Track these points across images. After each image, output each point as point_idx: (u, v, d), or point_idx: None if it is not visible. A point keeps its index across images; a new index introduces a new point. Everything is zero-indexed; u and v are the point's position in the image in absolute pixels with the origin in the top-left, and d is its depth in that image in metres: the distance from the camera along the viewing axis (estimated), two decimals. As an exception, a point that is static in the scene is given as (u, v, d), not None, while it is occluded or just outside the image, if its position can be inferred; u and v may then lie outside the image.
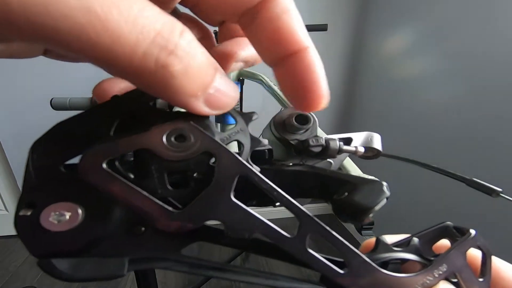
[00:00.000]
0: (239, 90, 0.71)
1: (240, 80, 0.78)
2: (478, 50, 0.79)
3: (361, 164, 0.34)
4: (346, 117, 1.46)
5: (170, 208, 0.10)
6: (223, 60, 0.13)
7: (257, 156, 0.13)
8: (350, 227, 1.48)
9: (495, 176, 0.75)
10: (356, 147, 0.17)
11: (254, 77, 0.66)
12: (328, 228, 0.12)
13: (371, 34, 1.25)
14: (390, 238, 0.14)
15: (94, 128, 0.11)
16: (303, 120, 0.16)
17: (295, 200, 0.12)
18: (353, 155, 0.17)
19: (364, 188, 0.13)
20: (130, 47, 0.08)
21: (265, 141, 0.14)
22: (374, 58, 1.24)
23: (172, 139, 0.11)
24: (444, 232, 0.15)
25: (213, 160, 0.11)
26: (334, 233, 0.12)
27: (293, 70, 0.12)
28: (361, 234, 0.25)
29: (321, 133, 0.17)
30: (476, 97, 0.80)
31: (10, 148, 1.19)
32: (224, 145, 0.11)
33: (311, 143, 0.15)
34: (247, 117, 0.14)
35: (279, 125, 0.16)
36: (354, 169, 0.33)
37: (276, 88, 0.60)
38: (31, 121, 1.16)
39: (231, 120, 0.69)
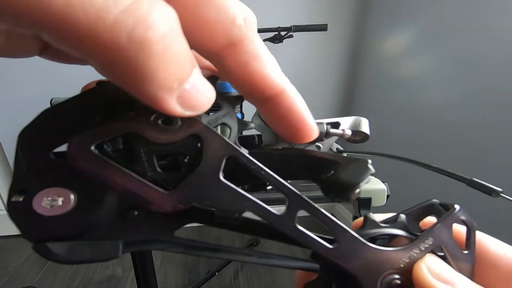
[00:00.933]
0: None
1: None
2: (478, 50, 0.79)
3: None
4: (345, 116, 1.46)
5: (159, 189, 0.11)
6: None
7: (246, 142, 0.14)
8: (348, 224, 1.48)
9: (495, 176, 0.75)
10: (343, 130, 0.17)
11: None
12: (316, 205, 0.12)
13: (371, 34, 1.25)
14: (378, 216, 0.15)
15: (82, 115, 0.11)
16: None
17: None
18: (341, 138, 0.17)
19: (349, 166, 0.13)
20: (94, 10, 0.06)
21: (252, 124, 0.14)
22: (374, 58, 1.25)
23: (159, 122, 0.11)
24: (430, 209, 0.16)
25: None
26: (322, 210, 0.12)
27: (274, 112, 0.12)
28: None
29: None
30: (476, 97, 0.80)
31: (10, 148, 1.19)
32: (211, 128, 0.11)
33: None
34: (234, 100, 0.14)
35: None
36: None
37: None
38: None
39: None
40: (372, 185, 0.28)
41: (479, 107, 0.79)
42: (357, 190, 0.12)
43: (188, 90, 0.09)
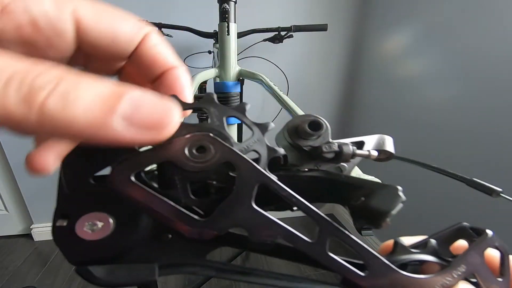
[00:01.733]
0: (239, 91, 0.72)
1: (240, 80, 0.78)
2: (478, 50, 0.79)
3: (361, 164, 0.34)
4: (346, 116, 1.46)
5: (195, 217, 0.11)
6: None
7: (273, 162, 0.14)
8: (350, 228, 1.48)
9: (496, 176, 0.75)
10: (369, 151, 0.17)
11: (254, 77, 0.66)
12: (346, 231, 0.12)
13: (371, 34, 1.25)
14: (407, 240, 0.15)
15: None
16: (316, 126, 0.16)
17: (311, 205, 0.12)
18: (366, 159, 0.17)
19: (379, 193, 0.13)
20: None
21: (281, 150, 0.14)
22: (374, 58, 1.25)
23: (194, 150, 0.11)
24: (460, 233, 0.15)
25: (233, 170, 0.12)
26: (353, 236, 0.12)
27: (166, 82, 0.14)
28: (361, 234, 0.25)
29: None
30: (476, 97, 0.80)
31: (10, 148, 1.19)
32: (244, 156, 0.12)
33: (324, 149, 0.16)
34: (263, 128, 0.14)
35: (292, 131, 0.16)
36: (353, 169, 0.33)
37: (276, 88, 0.60)
38: (31, 121, 1.16)
39: (231, 120, 0.69)
40: (372, 185, 0.28)
41: (479, 107, 0.79)
42: (389, 219, 0.12)
43: (132, 113, 0.09)
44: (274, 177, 0.12)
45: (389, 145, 0.18)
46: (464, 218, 0.67)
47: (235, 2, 0.66)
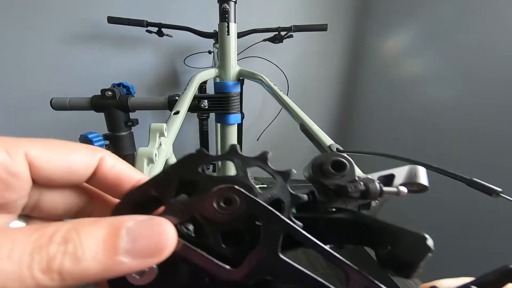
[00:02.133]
0: (239, 91, 0.72)
1: (240, 80, 0.78)
2: (478, 49, 0.79)
3: (360, 164, 0.34)
4: (346, 116, 1.46)
5: (226, 266, 0.12)
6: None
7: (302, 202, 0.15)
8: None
9: (496, 176, 0.75)
10: (397, 187, 0.16)
11: (254, 77, 0.66)
12: (377, 282, 0.12)
13: (371, 34, 1.25)
14: (447, 282, 0.14)
15: (158, 192, 0.14)
16: (339, 167, 0.16)
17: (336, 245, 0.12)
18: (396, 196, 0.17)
19: (406, 241, 0.13)
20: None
21: (305, 197, 0.14)
22: (374, 58, 1.24)
23: (221, 203, 0.12)
24: (507, 276, 0.14)
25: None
26: (383, 287, 0.12)
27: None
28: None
29: (360, 172, 0.17)
30: (476, 97, 0.80)
31: (10, 148, 1.19)
32: (267, 206, 0.12)
33: (349, 189, 0.15)
34: (285, 175, 0.14)
35: (317, 170, 0.16)
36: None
37: (276, 88, 0.60)
38: (31, 121, 1.16)
39: (231, 120, 0.69)
40: (372, 185, 0.27)
41: (480, 107, 0.79)
42: (418, 270, 0.12)
43: (131, 248, 0.10)
44: (299, 224, 0.13)
45: (423, 177, 0.17)
46: (464, 218, 0.67)
47: (235, 2, 0.66)
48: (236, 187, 0.12)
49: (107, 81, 1.04)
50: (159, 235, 0.11)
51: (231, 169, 0.72)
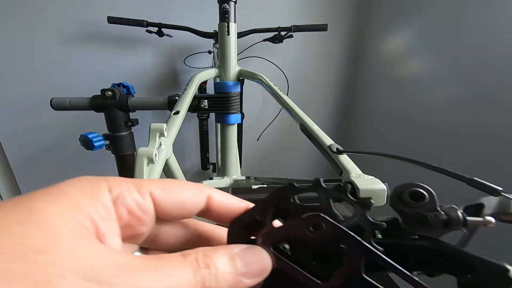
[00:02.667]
0: (239, 91, 0.72)
1: (240, 80, 0.78)
2: (478, 49, 0.79)
3: (360, 164, 0.34)
4: (346, 117, 1.46)
5: (317, 281, 0.14)
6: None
7: (386, 228, 0.16)
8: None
9: (495, 176, 0.75)
10: (484, 217, 0.16)
11: (254, 77, 0.66)
12: None
13: (371, 34, 1.25)
14: None
15: (261, 217, 0.16)
16: (418, 196, 0.17)
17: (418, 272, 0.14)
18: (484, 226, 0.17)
19: (487, 272, 0.13)
20: None
21: (384, 225, 0.16)
22: (374, 58, 1.25)
23: (310, 227, 0.15)
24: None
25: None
26: None
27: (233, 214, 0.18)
28: None
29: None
30: (476, 96, 0.80)
31: (10, 148, 1.19)
32: (349, 231, 0.14)
33: (429, 219, 0.16)
34: (365, 205, 0.16)
35: (397, 199, 0.17)
36: (353, 169, 0.33)
37: (276, 88, 0.60)
38: (31, 121, 1.16)
39: (231, 120, 0.69)
40: (372, 185, 0.27)
41: (480, 107, 0.79)
42: None
43: (246, 271, 0.13)
44: (380, 249, 0.14)
45: None
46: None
47: (235, 2, 0.66)
48: (322, 214, 0.15)
49: (107, 81, 1.04)
50: (263, 260, 0.14)
51: (231, 169, 0.72)
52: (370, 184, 0.27)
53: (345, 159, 0.36)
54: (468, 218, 0.16)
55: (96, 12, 1.06)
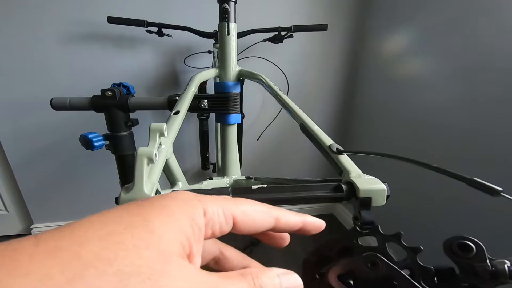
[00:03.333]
0: (239, 91, 0.72)
1: (240, 80, 0.78)
2: (478, 50, 0.79)
3: (360, 164, 0.34)
4: (346, 116, 1.46)
5: None
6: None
7: (442, 273, 0.19)
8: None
9: (495, 176, 0.75)
10: None
11: (254, 77, 0.66)
12: None
13: (371, 34, 1.25)
14: None
15: (330, 253, 0.20)
16: (464, 248, 0.18)
17: None
18: None
19: None
20: None
21: (431, 269, 0.18)
22: (374, 58, 1.25)
23: (369, 264, 0.18)
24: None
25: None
26: None
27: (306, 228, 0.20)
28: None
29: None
30: (476, 96, 0.80)
31: (10, 148, 1.19)
32: (402, 272, 0.17)
33: (477, 269, 0.17)
34: (416, 250, 0.19)
35: (448, 249, 0.19)
36: (353, 169, 0.33)
37: (276, 88, 0.60)
38: (31, 121, 1.16)
39: (231, 120, 0.69)
40: (372, 185, 0.27)
41: (479, 107, 0.79)
42: None
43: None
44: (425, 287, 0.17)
45: None
46: (464, 217, 0.67)
47: (235, 2, 0.66)
48: (378, 254, 0.18)
49: (107, 81, 1.04)
50: (297, 282, 0.16)
51: (231, 169, 0.72)
52: (370, 184, 0.27)
53: (345, 159, 0.35)
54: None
55: (96, 12, 1.06)
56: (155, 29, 0.99)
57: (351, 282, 0.19)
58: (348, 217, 1.50)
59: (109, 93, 0.68)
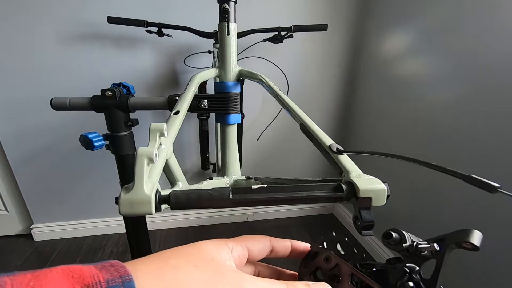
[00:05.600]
0: (239, 91, 0.72)
1: (240, 80, 0.78)
2: (478, 50, 0.79)
3: (360, 164, 0.34)
4: (346, 116, 1.46)
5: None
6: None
7: (393, 262, 0.23)
8: (349, 226, 1.48)
9: (495, 176, 0.75)
10: (432, 244, 0.21)
11: (254, 77, 0.66)
12: None
13: (371, 34, 1.25)
14: None
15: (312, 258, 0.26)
16: (390, 237, 0.23)
17: None
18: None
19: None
20: None
21: (357, 254, 0.24)
22: (374, 58, 1.25)
23: (325, 260, 0.24)
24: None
25: None
26: None
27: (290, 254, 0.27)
28: (361, 234, 0.26)
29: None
30: (476, 97, 0.80)
31: (10, 148, 1.19)
32: (343, 260, 0.23)
33: (401, 251, 0.22)
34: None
35: (382, 240, 0.23)
36: (353, 169, 0.33)
37: (276, 88, 0.60)
38: (31, 121, 1.16)
39: (231, 120, 0.69)
40: (372, 185, 0.27)
41: (479, 107, 0.79)
42: None
43: None
44: (360, 270, 0.22)
45: (472, 238, 0.19)
46: (464, 217, 0.67)
47: (235, 2, 0.66)
48: (332, 252, 0.24)
49: (107, 81, 1.04)
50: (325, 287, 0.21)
51: (231, 169, 0.72)
52: (370, 184, 0.27)
53: (345, 159, 0.36)
54: (420, 246, 0.21)
55: (96, 12, 1.06)
56: (155, 29, 0.99)
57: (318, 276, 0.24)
58: (348, 217, 1.50)
59: (109, 93, 0.68)
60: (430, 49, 0.95)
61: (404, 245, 0.21)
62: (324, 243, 0.25)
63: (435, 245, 0.20)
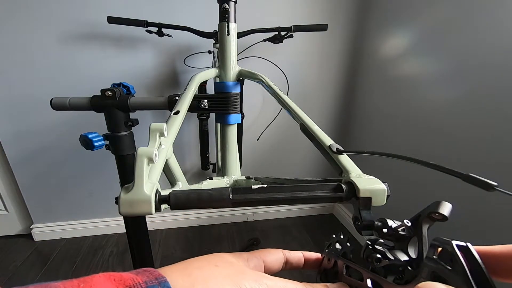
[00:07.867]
0: (239, 91, 0.72)
1: (240, 80, 0.78)
2: (478, 50, 0.79)
3: (360, 164, 0.34)
4: (346, 116, 1.46)
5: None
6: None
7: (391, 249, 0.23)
8: (349, 226, 1.48)
9: (494, 176, 0.75)
10: (403, 221, 0.22)
11: (254, 77, 0.66)
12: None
13: (371, 34, 1.25)
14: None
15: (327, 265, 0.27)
16: (376, 226, 0.24)
17: None
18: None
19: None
20: None
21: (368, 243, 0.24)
22: (374, 58, 1.25)
23: (328, 260, 0.27)
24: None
25: None
26: None
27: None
28: (361, 234, 0.25)
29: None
30: (475, 97, 0.80)
31: (10, 148, 1.19)
32: (338, 255, 0.25)
33: (385, 236, 0.23)
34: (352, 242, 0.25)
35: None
36: (353, 169, 0.33)
37: (276, 88, 0.60)
38: (31, 121, 1.16)
39: (231, 120, 0.69)
40: (372, 185, 0.27)
41: (478, 107, 0.79)
42: None
43: None
44: (344, 260, 0.24)
45: (442, 208, 0.22)
46: (463, 215, 0.66)
47: (235, 2, 0.66)
48: (327, 251, 0.26)
49: (107, 81, 1.04)
50: None
51: (231, 169, 0.72)
52: (370, 184, 0.27)
53: (345, 159, 0.35)
54: (394, 226, 0.22)
55: (96, 12, 1.06)
56: (155, 29, 0.99)
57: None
58: (348, 217, 1.50)
59: (109, 93, 0.68)
60: (430, 49, 0.95)
61: (384, 230, 0.23)
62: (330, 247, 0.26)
63: (405, 221, 0.22)
